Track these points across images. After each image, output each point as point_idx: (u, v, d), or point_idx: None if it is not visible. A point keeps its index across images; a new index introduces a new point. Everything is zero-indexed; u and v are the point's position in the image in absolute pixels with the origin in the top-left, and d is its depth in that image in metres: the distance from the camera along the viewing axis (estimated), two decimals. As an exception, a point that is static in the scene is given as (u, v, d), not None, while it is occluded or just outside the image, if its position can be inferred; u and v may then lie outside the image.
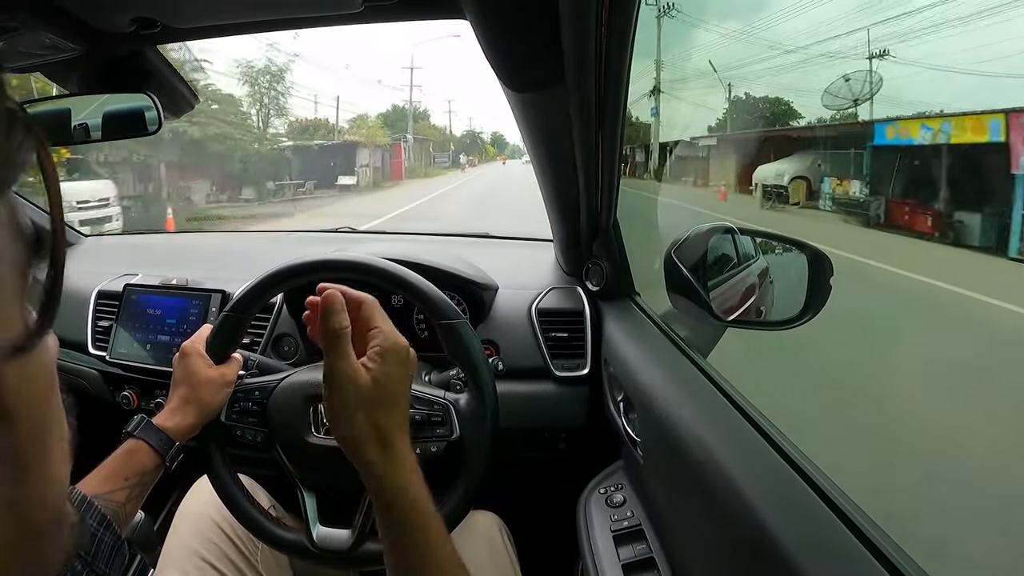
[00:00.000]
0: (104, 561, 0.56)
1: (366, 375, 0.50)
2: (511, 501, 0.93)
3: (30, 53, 0.72)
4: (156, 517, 1.16)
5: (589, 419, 0.98)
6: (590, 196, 0.87)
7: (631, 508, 0.74)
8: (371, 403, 0.49)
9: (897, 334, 2.43)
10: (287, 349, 1.05)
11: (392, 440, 0.50)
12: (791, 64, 8.43)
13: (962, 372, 1.96)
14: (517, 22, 0.60)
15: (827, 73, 7.41)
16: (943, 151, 3.69)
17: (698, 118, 10.11)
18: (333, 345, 0.50)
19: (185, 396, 0.69)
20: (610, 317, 0.97)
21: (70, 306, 1.17)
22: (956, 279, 2.92)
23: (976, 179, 3.43)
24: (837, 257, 0.73)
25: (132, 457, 0.64)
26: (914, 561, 0.37)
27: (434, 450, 0.70)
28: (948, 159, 3.70)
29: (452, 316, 0.69)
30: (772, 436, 0.52)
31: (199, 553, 0.73)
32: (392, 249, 1.01)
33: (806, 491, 0.44)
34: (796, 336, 0.76)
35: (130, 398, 1.09)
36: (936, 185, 3.73)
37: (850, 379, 2.05)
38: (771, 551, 0.40)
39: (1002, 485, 1.27)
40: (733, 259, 0.88)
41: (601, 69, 0.63)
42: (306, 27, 0.77)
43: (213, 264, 1.29)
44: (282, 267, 0.72)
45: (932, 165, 3.86)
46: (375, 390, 0.49)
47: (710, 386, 0.64)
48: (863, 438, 1.62)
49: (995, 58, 3.82)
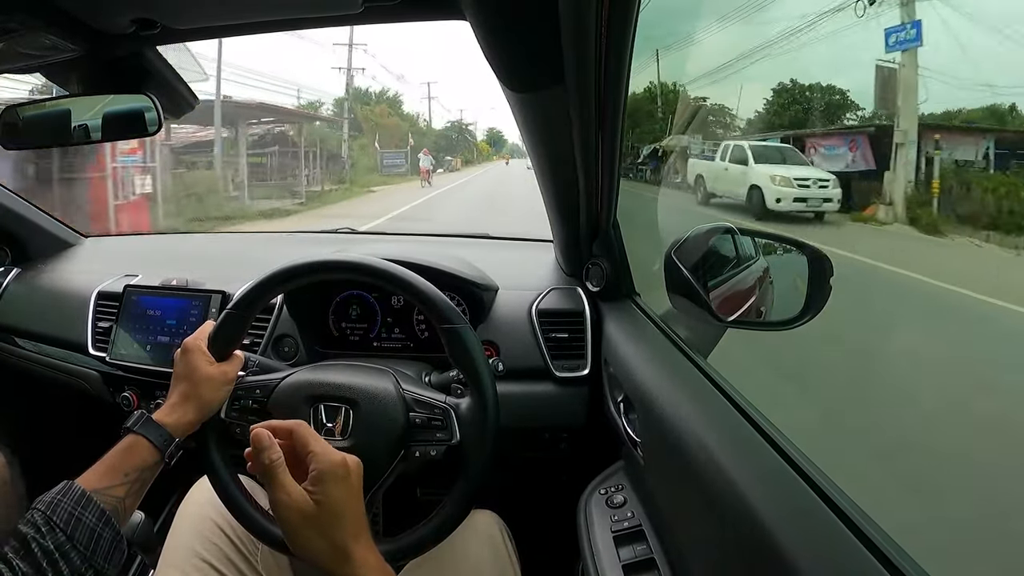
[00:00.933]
0: (103, 556, 0.56)
1: (307, 500, 0.54)
2: (511, 501, 0.93)
3: (30, 54, 0.73)
4: (156, 518, 1.16)
5: (589, 419, 0.97)
6: (590, 196, 0.87)
7: (631, 509, 0.74)
8: (319, 523, 0.54)
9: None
10: (287, 350, 1.05)
11: (348, 549, 0.54)
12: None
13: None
14: (517, 22, 0.60)
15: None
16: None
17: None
18: (269, 479, 0.54)
19: (185, 392, 0.69)
20: (610, 317, 0.97)
21: (70, 307, 1.17)
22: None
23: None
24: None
25: (131, 452, 0.64)
26: (914, 561, 0.37)
27: (434, 454, 0.70)
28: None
29: (454, 320, 0.69)
30: (772, 436, 0.52)
31: (199, 554, 0.73)
32: (392, 250, 1.01)
33: (806, 491, 0.44)
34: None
35: (130, 399, 1.09)
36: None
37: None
38: (771, 551, 0.40)
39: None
40: (733, 259, 0.88)
41: (601, 69, 0.63)
42: (306, 27, 0.77)
43: (213, 265, 1.29)
44: (285, 267, 0.72)
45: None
46: (319, 511, 0.53)
47: (710, 386, 0.64)
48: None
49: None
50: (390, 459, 0.70)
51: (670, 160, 5.99)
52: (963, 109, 2.86)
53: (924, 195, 2.90)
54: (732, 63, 5.10)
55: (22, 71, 0.83)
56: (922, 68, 2.80)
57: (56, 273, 1.31)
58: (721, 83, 5.43)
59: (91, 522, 0.56)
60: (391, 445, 0.70)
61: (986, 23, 2.56)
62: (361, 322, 1.08)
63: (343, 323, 1.09)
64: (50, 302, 1.22)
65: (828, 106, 4.22)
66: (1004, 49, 2.38)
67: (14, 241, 1.34)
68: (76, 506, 0.56)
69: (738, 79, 5.18)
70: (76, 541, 0.54)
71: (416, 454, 0.70)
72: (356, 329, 1.08)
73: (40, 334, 1.20)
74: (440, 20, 0.72)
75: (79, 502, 0.57)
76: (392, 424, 0.70)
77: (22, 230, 1.34)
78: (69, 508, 0.56)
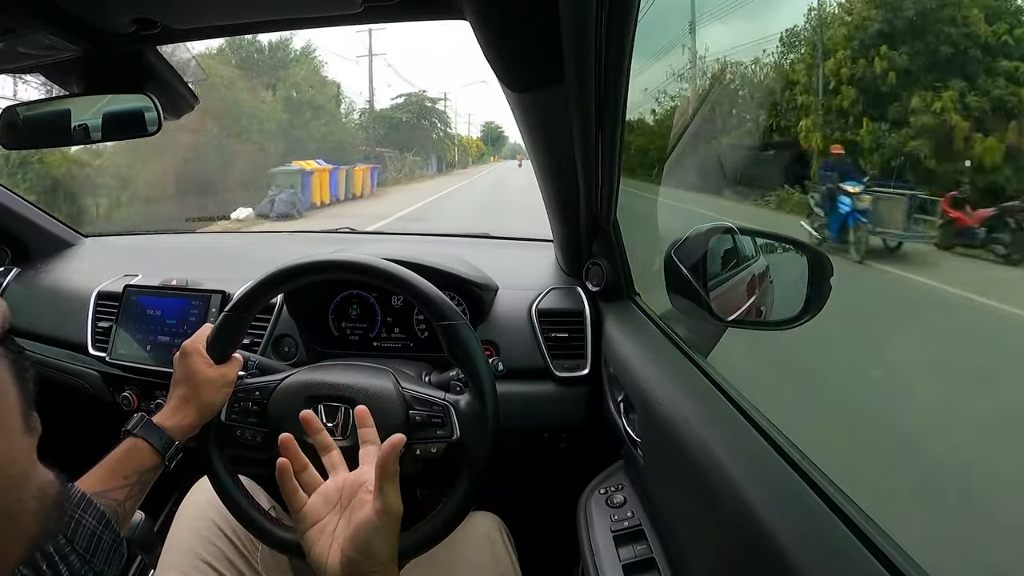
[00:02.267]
0: (103, 559, 0.56)
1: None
2: (511, 501, 0.93)
3: (30, 53, 0.73)
4: (156, 518, 1.16)
5: (589, 419, 0.97)
6: (590, 196, 0.87)
7: (631, 508, 0.74)
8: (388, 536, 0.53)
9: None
10: (287, 350, 1.05)
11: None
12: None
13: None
14: (517, 22, 0.60)
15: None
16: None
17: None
18: (388, 486, 0.53)
19: (185, 395, 0.69)
20: (610, 317, 0.97)
21: (70, 307, 1.17)
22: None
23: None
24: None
25: (131, 455, 0.64)
26: (914, 561, 0.37)
27: (434, 451, 0.70)
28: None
29: (452, 317, 0.69)
30: (772, 436, 0.52)
31: (199, 554, 0.73)
32: (392, 249, 1.01)
33: (807, 491, 0.44)
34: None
35: (130, 399, 1.09)
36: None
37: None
38: (771, 552, 0.40)
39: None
40: (733, 259, 0.88)
41: (601, 69, 0.63)
42: (306, 27, 0.77)
43: (213, 265, 1.29)
44: (283, 267, 0.72)
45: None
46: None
47: (710, 386, 0.64)
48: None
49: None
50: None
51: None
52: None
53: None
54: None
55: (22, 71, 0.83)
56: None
57: (56, 273, 1.31)
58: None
59: (91, 525, 0.56)
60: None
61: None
62: (361, 322, 1.08)
63: (343, 323, 1.09)
64: (50, 302, 1.22)
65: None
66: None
67: (14, 241, 1.34)
68: (76, 509, 0.56)
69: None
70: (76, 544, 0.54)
71: (417, 452, 0.70)
72: (356, 329, 1.08)
73: (40, 334, 1.20)
74: (440, 20, 0.72)
75: (79, 505, 0.56)
76: (392, 422, 0.70)
77: (22, 230, 1.34)
78: (69, 511, 0.56)
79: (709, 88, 5.05)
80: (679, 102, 5.35)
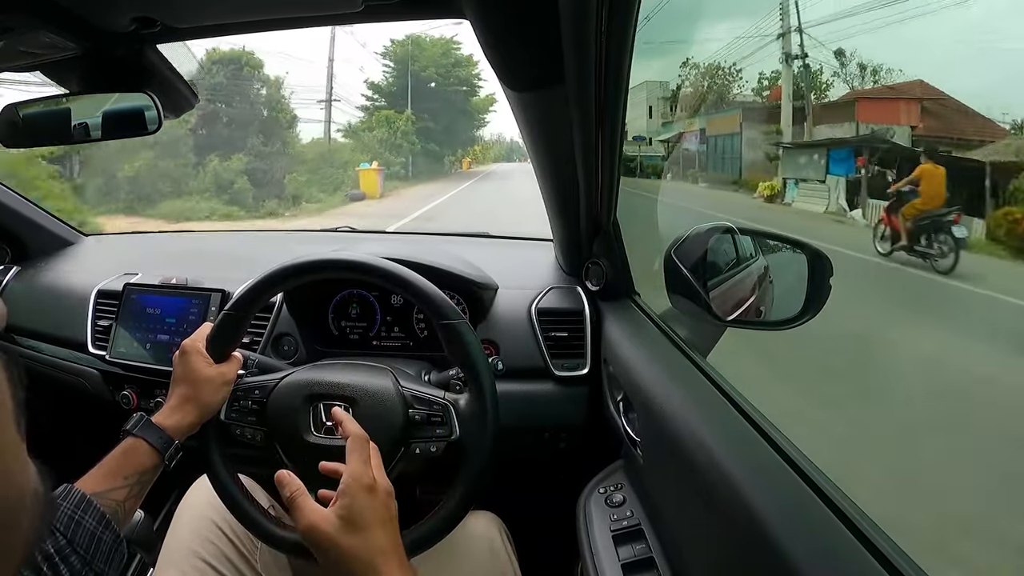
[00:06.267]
0: (103, 559, 0.56)
1: (331, 516, 0.55)
2: (511, 501, 0.93)
3: (30, 52, 0.72)
4: (155, 516, 1.16)
5: (589, 419, 0.98)
6: (590, 196, 0.87)
7: (631, 508, 0.74)
8: (344, 539, 0.54)
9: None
10: (287, 349, 1.05)
11: (377, 566, 0.54)
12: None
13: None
14: (517, 22, 0.60)
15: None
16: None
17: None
18: (294, 510, 0.57)
19: (185, 394, 0.69)
20: (610, 317, 0.97)
21: (70, 305, 1.17)
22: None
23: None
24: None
25: (131, 455, 0.64)
26: (914, 561, 0.37)
27: (434, 451, 0.70)
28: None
29: (452, 316, 0.69)
30: (772, 436, 0.52)
31: (198, 553, 0.73)
32: (392, 249, 1.01)
33: (806, 491, 0.44)
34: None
35: (130, 397, 1.09)
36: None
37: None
38: (770, 551, 0.40)
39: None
40: (733, 259, 0.87)
41: (601, 69, 0.63)
42: (306, 27, 0.77)
43: (213, 263, 1.29)
44: (283, 266, 0.72)
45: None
46: (343, 525, 0.55)
47: (710, 386, 0.64)
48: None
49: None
50: (390, 457, 0.69)
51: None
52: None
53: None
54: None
55: (22, 70, 0.83)
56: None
57: (56, 271, 1.31)
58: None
59: (91, 525, 0.56)
60: (391, 443, 0.70)
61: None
62: (361, 321, 1.08)
63: (343, 322, 1.09)
64: (50, 300, 1.22)
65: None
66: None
67: (14, 239, 1.33)
68: (76, 509, 0.56)
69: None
70: (76, 544, 0.54)
71: (416, 451, 0.70)
72: (356, 328, 1.08)
73: (40, 332, 1.20)
74: (440, 19, 0.72)
75: (79, 505, 0.56)
76: (391, 421, 0.70)
77: (22, 228, 1.33)
78: (69, 511, 0.56)
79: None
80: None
